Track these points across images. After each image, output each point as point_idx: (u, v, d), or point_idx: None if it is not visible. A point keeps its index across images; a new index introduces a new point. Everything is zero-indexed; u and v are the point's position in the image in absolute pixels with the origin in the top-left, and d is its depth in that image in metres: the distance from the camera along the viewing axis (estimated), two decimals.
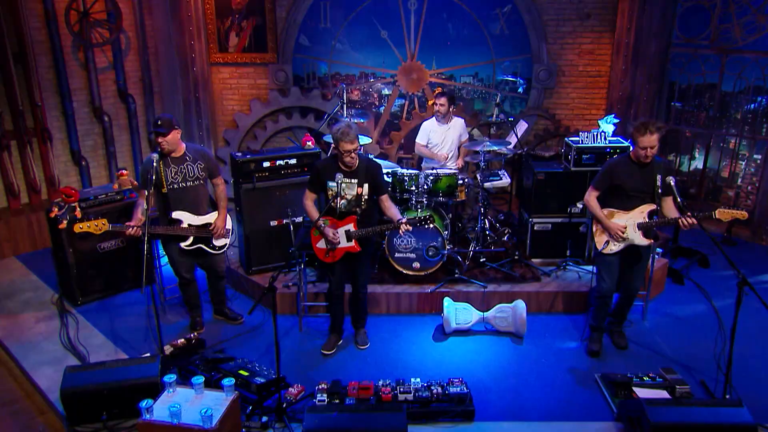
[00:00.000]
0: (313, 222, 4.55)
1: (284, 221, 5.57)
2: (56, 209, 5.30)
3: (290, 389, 4.22)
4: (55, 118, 7.08)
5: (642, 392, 4.08)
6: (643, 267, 4.64)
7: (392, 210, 4.54)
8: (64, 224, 5.10)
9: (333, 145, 4.50)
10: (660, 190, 4.35)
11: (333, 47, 7.80)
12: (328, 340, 4.90)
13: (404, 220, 4.34)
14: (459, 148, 6.41)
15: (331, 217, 4.57)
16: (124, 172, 5.81)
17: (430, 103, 7.37)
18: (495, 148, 5.86)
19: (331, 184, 4.48)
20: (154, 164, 4.45)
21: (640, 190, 4.37)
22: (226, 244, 5.01)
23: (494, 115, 6.85)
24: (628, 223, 4.43)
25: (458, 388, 4.13)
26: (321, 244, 4.62)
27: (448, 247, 5.52)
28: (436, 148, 6.48)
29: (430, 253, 5.45)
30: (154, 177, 4.43)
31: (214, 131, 7.97)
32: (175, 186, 4.66)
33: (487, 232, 6.11)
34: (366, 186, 4.49)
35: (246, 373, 4.26)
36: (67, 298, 5.61)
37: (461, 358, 4.76)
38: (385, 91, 8.07)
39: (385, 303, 5.46)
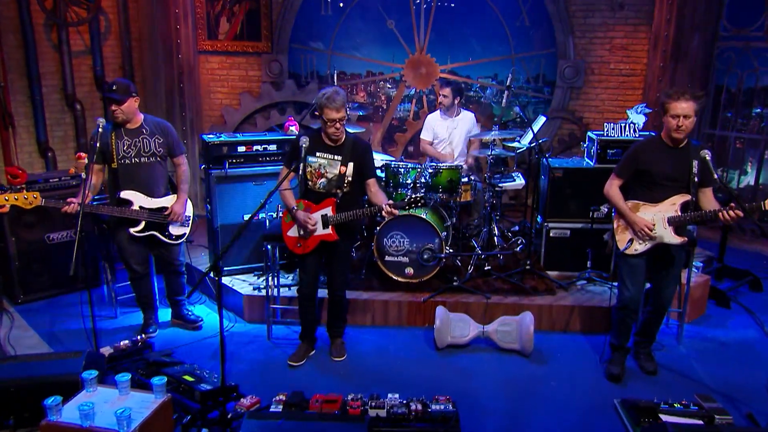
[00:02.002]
0: (286, 207, 4.23)
1: (260, 216, 5.25)
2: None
3: (242, 400, 3.82)
4: (21, 103, 6.93)
5: (671, 420, 3.58)
6: (676, 273, 4.17)
7: (379, 196, 4.19)
8: (6, 208, 4.85)
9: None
10: (696, 178, 3.92)
11: (333, 37, 7.61)
12: (297, 350, 4.51)
13: (389, 202, 3.98)
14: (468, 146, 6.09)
15: (307, 200, 4.24)
16: (83, 154, 5.57)
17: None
18: (505, 135, 5.51)
19: (312, 160, 4.17)
20: (99, 130, 4.18)
21: (672, 178, 3.94)
22: (184, 234, 4.70)
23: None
24: (657, 218, 3.99)
25: (443, 407, 3.69)
26: (292, 232, 4.27)
27: (447, 250, 5.13)
28: (442, 144, 6.16)
29: (425, 257, 5.06)
30: (98, 145, 4.16)
31: (200, 127, 7.76)
32: (127, 161, 4.39)
33: (496, 240, 5.70)
34: (351, 165, 4.17)
35: (191, 379, 3.88)
36: (6, 294, 5.31)
37: (454, 377, 4.31)
38: (393, 91, 7.81)
39: (371, 312, 5.06)
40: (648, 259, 4.12)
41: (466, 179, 5.53)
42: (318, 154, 4.16)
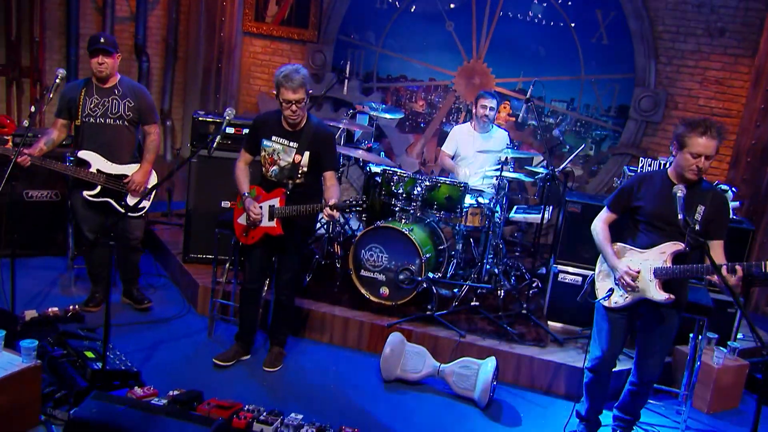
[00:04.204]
0: (239, 191, 4.29)
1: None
2: None
3: (136, 389, 3.85)
4: (56, 62, 7.52)
5: None
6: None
7: (331, 191, 4.14)
8: None
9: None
10: (698, 227, 3.54)
11: (385, 33, 7.66)
12: (227, 350, 4.51)
13: (331, 202, 3.92)
14: None
15: (260, 187, 4.28)
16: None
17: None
18: (517, 155, 5.29)
19: (266, 143, 4.21)
20: (57, 81, 4.43)
21: (669, 221, 3.58)
22: (144, 208, 4.86)
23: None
24: (643, 267, 3.64)
25: None
26: (242, 220, 4.32)
27: (430, 275, 4.96)
28: (463, 162, 5.99)
29: (401, 277, 4.91)
30: (52, 96, 4.40)
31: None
32: (91, 120, 4.62)
33: (499, 277, 5.43)
34: (306, 155, 4.16)
35: (92, 356, 3.98)
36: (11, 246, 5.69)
37: (385, 413, 4.13)
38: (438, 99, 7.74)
39: (330, 329, 4.97)
40: (630, 317, 3.77)
41: (474, 202, 5.34)
42: (274, 138, 4.18)
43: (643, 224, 3.69)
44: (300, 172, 4.17)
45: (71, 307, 4.70)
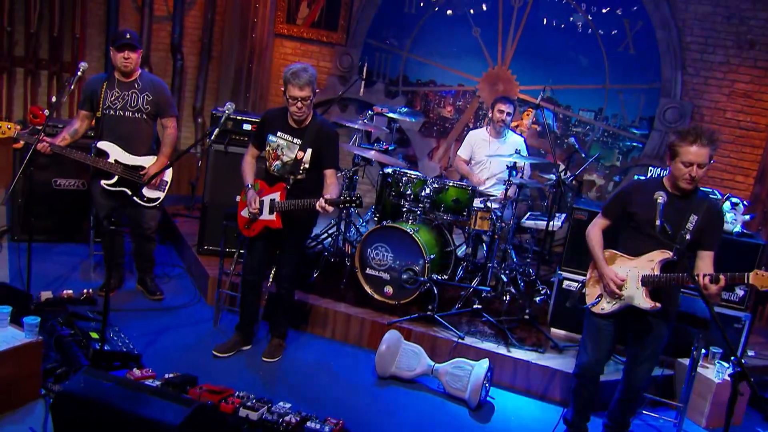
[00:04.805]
0: (243, 183, 4.42)
1: None
2: (19, 127, 5.75)
3: (135, 370, 4.00)
4: (95, 58, 7.83)
5: None
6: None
7: (330, 188, 4.22)
8: (20, 144, 5.53)
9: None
10: (689, 236, 3.52)
11: (412, 38, 7.74)
12: (227, 340, 4.63)
13: (326, 197, 4.01)
14: None
15: (263, 181, 4.40)
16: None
17: (513, 124, 6.94)
18: (522, 160, 5.29)
19: (272, 138, 4.32)
20: (79, 74, 4.63)
21: (660, 229, 3.56)
22: (158, 198, 5.03)
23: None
24: (631, 274, 3.62)
25: (324, 428, 3.61)
26: (245, 213, 4.44)
27: (435, 276, 5.00)
28: (477, 167, 6.03)
29: (404, 277, 4.97)
30: (75, 89, 4.59)
31: (262, 111, 8.23)
32: (111, 112, 4.81)
33: (504, 283, 5.43)
34: (309, 152, 4.26)
35: (96, 337, 4.14)
36: (12, 230, 5.98)
37: (374, 408, 4.19)
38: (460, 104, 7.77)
39: (332, 325, 5.05)
40: (618, 325, 3.75)
41: (481, 205, 5.36)
42: (279, 134, 4.29)
43: (634, 231, 3.68)
44: (302, 168, 4.27)
45: (85, 291, 4.90)
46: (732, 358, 2.86)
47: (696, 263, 3.59)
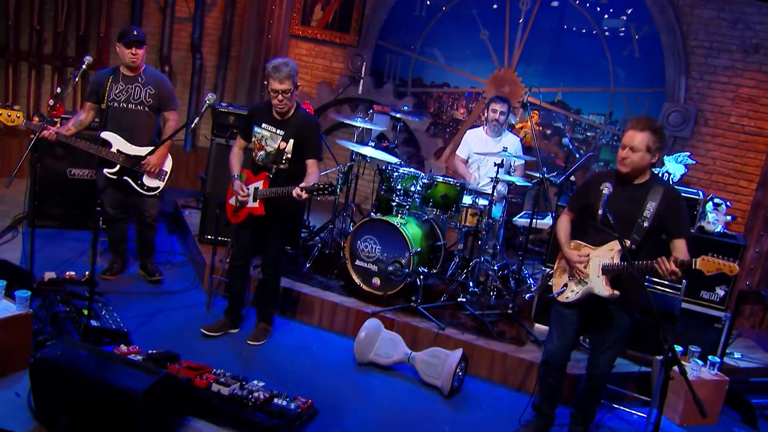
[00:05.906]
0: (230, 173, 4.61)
1: None
2: (37, 119, 6.07)
3: (122, 347, 4.21)
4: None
5: None
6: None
7: (310, 177, 4.37)
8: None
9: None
10: (647, 224, 3.57)
11: (421, 40, 7.86)
12: (216, 321, 4.82)
13: (303, 185, 4.17)
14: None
15: (249, 171, 4.58)
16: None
17: (518, 126, 7.01)
18: (511, 157, 5.37)
19: (257, 130, 4.51)
20: (83, 67, 4.89)
21: (619, 218, 3.58)
22: (158, 187, 5.25)
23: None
24: (593, 263, 3.69)
25: (292, 405, 3.77)
26: (233, 201, 4.63)
27: (421, 269, 5.10)
28: (474, 165, 6.12)
29: (390, 269, 5.09)
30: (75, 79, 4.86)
31: None
32: (115, 104, 5.06)
33: (491, 278, 5.51)
34: (291, 142, 4.43)
35: (87, 313, 4.36)
36: (30, 217, 6.27)
37: (347, 392, 4.32)
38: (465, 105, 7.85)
39: (319, 313, 5.20)
40: (582, 314, 3.82)
41: (471, 201, 5.45)
42: (264, 125, 4.47)
43: (595, 222, 3.73)
44: (284, 158, 4.44)
45: (86, 273, 5.14)
46: (665, 346, 2.89)
47: (672, 254, 3.61)
